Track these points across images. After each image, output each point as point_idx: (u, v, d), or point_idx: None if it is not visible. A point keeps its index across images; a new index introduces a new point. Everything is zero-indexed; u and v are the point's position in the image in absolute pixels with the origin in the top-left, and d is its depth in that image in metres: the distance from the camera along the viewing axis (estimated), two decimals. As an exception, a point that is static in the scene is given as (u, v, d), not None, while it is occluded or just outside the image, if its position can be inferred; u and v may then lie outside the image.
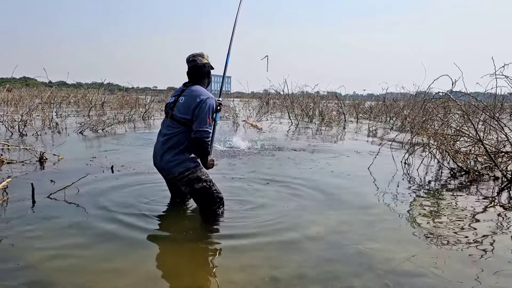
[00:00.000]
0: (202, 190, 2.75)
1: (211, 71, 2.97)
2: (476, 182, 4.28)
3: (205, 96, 2.73)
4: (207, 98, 2.72)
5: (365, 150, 6.32)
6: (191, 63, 2.87)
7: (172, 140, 2.72)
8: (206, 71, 2.91)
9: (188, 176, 2.70)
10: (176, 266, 2.13)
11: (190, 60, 2.87)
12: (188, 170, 2.70)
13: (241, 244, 2.40)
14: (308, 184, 3.91)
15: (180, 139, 2.71)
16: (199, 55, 2.88)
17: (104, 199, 3.17)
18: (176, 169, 2.70)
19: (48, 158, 4.62)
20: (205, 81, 2.93)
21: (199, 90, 2.78)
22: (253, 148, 6.14)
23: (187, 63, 2.88)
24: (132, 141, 6.67)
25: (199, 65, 2.86)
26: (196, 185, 2.73)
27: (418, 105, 7.79)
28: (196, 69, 2.86)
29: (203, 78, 2.90)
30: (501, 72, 4.59)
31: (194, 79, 2.87)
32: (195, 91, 2.77)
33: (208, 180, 2.78)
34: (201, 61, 2.86)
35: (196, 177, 2.72)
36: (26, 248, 2.23)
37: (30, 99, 12.93)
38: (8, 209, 2.87)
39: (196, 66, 2.86)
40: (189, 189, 2.76)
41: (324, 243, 2.42)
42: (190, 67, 2.87)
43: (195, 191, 2.75)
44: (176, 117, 2.74)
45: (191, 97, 2.73)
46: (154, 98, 17.03)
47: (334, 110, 14.48)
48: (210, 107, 2.72)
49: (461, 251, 2.37)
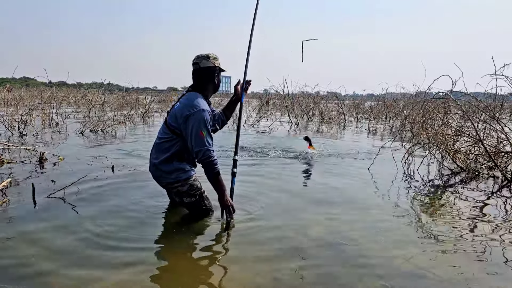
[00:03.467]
0: (191, 203, 2.69)
1: (219, 74, 2.70)
2: (476, 182, 4.28)
3: (195, 108, 2.47)
4: (196, 111, 2.45)
5: (365, 150, 6.33)
6: (194, 66, 2.66)
7: (163, 146, 2.61)
8: (210, 76, 2.64)
9: (177, 188, 2.62)
10: (175, 266, 2.13)
11: (194, 62, 2.66)
12: (178, 182, 2.59)
13: (241, 244, 2.40)
14: (308, 184, 3.91)
15: (170, 146, 2.58)
16: (204, 57, 2.63)
17: (104, 199, 3.17)
18: (165, 179, 2.62)
19: (48, 158, 4.62)
20: (209, 87, 2.68)
21: (192, 100, 2.53)
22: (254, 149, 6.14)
23: (192, 65, 2.67)
24: (132, 141, 6.67)
25: (201, 68, 2.62)
26: (185, 199, 2.66)
27: (418, 105, 7.79)
28: (198, 72, 2.64)
29: (206, 83, 2.66)
30: (501, 72, 4.60)
31: (195, 83, 2.67)
32: (188, 100, 2.55)
33: (198, 195, 2.67)
34: (204, 64, 2.62)
35: (186, 190, 2.62)
36: (26, 248, 2.23)
37: (30, 99, 12.95)
38: (8, 209, 2.87)
39: (198, 70, 2.63)
40: (178, 199, 2.70)
41: (324, 243, 2.42)
42: (193, 71, 2.66)
43: (184, 203, 2.70)
44: (169, 124, 2.60)
45: (183, 107, 2.53)
46: (154, 98, 17.04)
47: (334, 110, 14.49)
48: (200, 121, 2.45)
49: (461, 251, 2.36)
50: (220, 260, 2.21)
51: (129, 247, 2.28)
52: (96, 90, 16.65)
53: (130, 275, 1.96)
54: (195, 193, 2.66)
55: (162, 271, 2.05)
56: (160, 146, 2.64)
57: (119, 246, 2.29)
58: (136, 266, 2.06)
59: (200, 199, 2.70)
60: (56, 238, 2.37)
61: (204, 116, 2.48)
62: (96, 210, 2.90)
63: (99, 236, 2.42)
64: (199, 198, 2.69)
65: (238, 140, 2.83)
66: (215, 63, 2.66)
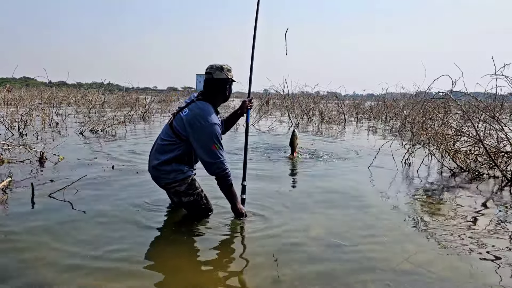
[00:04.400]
0: (189, 203, 2.70)
1: (231, 85, 2.71)
2: (476, 182, 4.28)
3: (207, 122, 2.49)
4: (208, 124, 2.48)
5: (365, 150, 6.33)
6: (206, 75, 2.64)
7: (165, 148, 2.62)
8: (221, 87, 2.64)
9: (175, 188, 2.64)
10: (175, 266, 2.13)
11: (207, 71, 2.64)
12: (176, 182, 2.61)
13: (241, 244, 2.40)
14: (308, 184, 3.91)
15: (173, 150, 2.59)
16: (218, 68, 2.61)
17: (105, 199, 3.17)
18: (163, 179, 2.64)
19: (48, 158, 4.62)
20: (219, 97, 2.68)
21: (203, 110, 2.54)
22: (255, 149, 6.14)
23: (205, 74, 2.66)
24: (133, 141, 6.67)
25: (214, 78, 2.61)
26: (183, 198, 2.68)
27: (418, 105, 7.79)
28: (209, 82, 2.63)
29: (217, 94, 2.66)
30: (501, 72, 4.60)
31: (207, 92, 2.65)
32: (200, 110, 2.54)
33: (196, 194, 2.69)
34: (217, 75, 2.60)
35: (184, 190, 2.64)
36: (26, 248, 2.23)
37: (30, 99, 12.94)
38: (8, 209, 2.87)
39: (210, 79, 2.62)
40: (177, 199, 2.73)
41: (324, 243, 2.42)
42: (205, 80, 2.65)
43: (183, 203, 2.72)
44: (174, 128, 2.59)
45: (193, 117, 2.52)
46: (154, 98, 17.04)
47: (334, 110, 14.50)
48: (213, 135, 2.49)
49: (461, 251, 2.37)
50: (219, 260, 2.21)
51: (129, 247, 2.28)
52: (96, 90, 16.65)
53: (130, 275, 1.97)
54: (193, 192, 2.67)
55: (162, 271, 2.05)
56: (162, 148, 2.65)
57: (119, 246, 2.29)
58: (136, 267, 2.06)
59: (198, 198, 2.71)
60: (56, 239, 2.37)
61: (216, 131, 2.52)
62: (96, 210, 2.89)
63: (99, 236, 2.42)
64: (198, 197, 2.70)
65: (246, 164, 2.87)
66: (229, 75, 2.66)
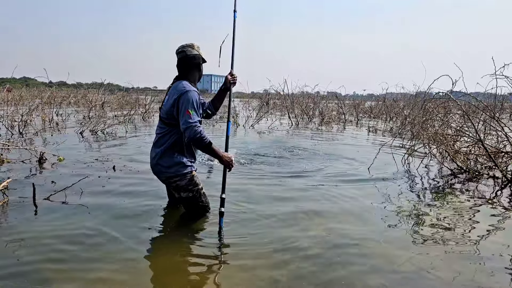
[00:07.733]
0: (188, 199, 2.71)
1: (202, 64, 2.79)
2: (476, 182, 4.28)
3: (184, 89, 2.54)
4: (186, 91, 2.52)
5: (365, 150, 6.33)
6: (180, 55, 2.71)
7: (160, 141, 2.66)
8: (196, 63, 2.73)
9: (176, 182, 2.65)
10: (175, 267, 2.13)
11: (179, 51, 2.72)
12: (177, 176, 2.63)
13: (241, 244, 2.40)
14: (308, 185, 3.91)
15: (167, 140, 2.62)
16: (189, 46, 2.72)
17: (105, 199, 3.17)
18: (164, 174, 2.65)
19: (48, 158, 4.62)
20: (195, 74, 2.75)
21: (180, 86, 2.59)
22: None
23: (176, 54, 2.73)
24: (133, 141, 6.67)
25: (188, 56, 2.69)
26: (183, 194, 2.69)
27: (418, 105, 7.79)
28: (185, 60, 2.69)
29: (193, 69, 2.72)
30: (501, 72, 4.60)
31: (182, 72, 2.72)
32: (177, 87, 2.60)
33: (196, 191, 2.70)
34: (190, 52, 2.70)
35: (184, 185, 2.65)
36: (26, 248, 2.23)
37: (30, 99, 12.95)
38: (8, 209, 2.87)
39: (185, 57, 2.69)
40: (177, 194, 2.74)
41: (324, 244, 2.42)
42: (179, 59, 2.71)
43: (182, 198, 2.73)
44: (162, 117, 2.67)
45: (172, 95, 2.58)
46: (154, 98, 17.02)
47: (334, 110, 14.50)
48: (189, 99, 2.50)
49: (461, 251, 2.37)
50: (219, 261, 2.21)
51: (129, 247, 2.29)
52: (96, 90, 16.64)
53: (130, 275, 1.97)
54: (193, 189, 2.69)
55: (161, 271, 2.05)
56: (158, 141, 2.69)
57: (119, 246, 2.30)
58: (136, 267, 2.07)
59: (197, 195, 2.73)
60: (56, 239, 2.37)
61: (193, 97, 2.52)
62: (96, 210, 2.90)
63: (99, 237, 2.42)
64: (197, 194, 2.72)
65: (225, 175, 2.67)
66: (200, 51, 2.76)
